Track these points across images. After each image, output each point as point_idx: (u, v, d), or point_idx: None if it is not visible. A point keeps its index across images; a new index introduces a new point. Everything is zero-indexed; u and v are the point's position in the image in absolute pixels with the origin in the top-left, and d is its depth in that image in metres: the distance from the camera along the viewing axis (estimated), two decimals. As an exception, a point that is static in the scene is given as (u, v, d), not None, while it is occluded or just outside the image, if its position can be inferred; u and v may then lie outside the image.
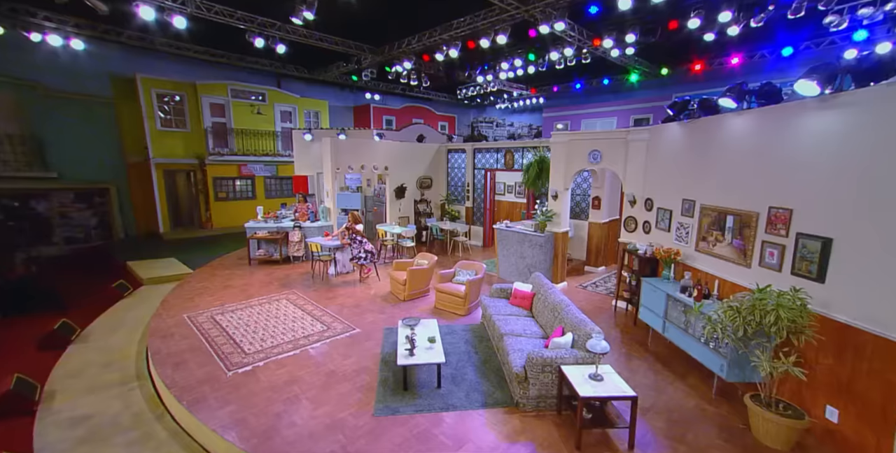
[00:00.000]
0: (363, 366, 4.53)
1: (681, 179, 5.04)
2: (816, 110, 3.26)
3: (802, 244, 3.31)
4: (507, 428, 3.48)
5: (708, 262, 4.53)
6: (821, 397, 3.18)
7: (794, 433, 3.07)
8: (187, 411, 3.70)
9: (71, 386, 4.45)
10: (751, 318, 3.02)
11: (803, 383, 3.17)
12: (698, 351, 4.06)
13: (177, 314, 6.00)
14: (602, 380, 3.32)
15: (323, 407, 3.76)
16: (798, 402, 3.27)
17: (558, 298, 4.69)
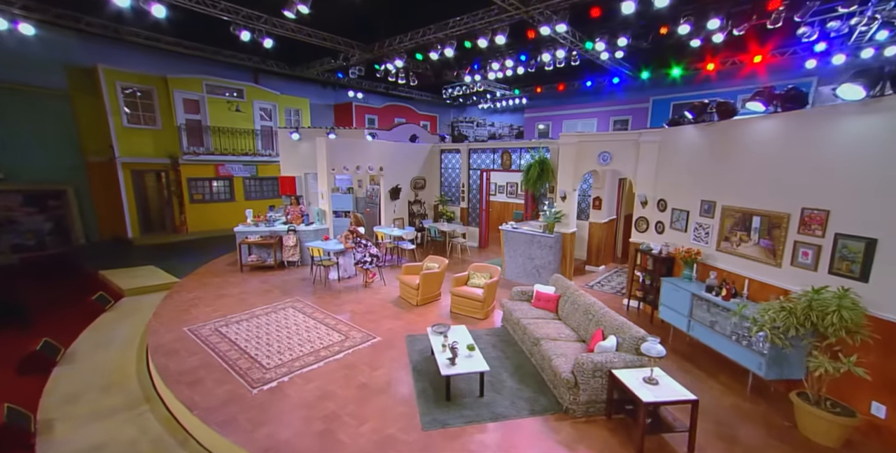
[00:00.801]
0: (396, 377, 4.34)
1: (699, 181, 5.16)
2: (857, 114, 3.40)
3: (843, 244, 3.45)
4: (563, 437, 3.42)
5: (731, 262, 4.66)
6: (866, 394, 3.32)
7: (846, 430, 3.19)
8: (218, 435, 3.39)
9: (70, 413, 3.98)
10: (805, 319, 3.11)
11: (846, 380, 3.28)
12: (731, 350, 4.16)
13: (175, 328, 5.54)
14: (658, 384, 3.32)
15: (367, 424, 3.55)
16: (842, 399, 3.40)
17: (589, 300, 4.69)
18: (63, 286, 8.11)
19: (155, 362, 4.59)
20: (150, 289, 7.51)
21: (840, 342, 3.14)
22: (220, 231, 13.52)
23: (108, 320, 6.31)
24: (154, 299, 7.19)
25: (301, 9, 7.76)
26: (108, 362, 5.03)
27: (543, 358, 4.18)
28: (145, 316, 6.49)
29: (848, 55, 10.36)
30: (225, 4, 8.74)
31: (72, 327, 6.09)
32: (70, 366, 4.88)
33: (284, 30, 9.92)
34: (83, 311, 6.51)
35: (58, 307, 7.03)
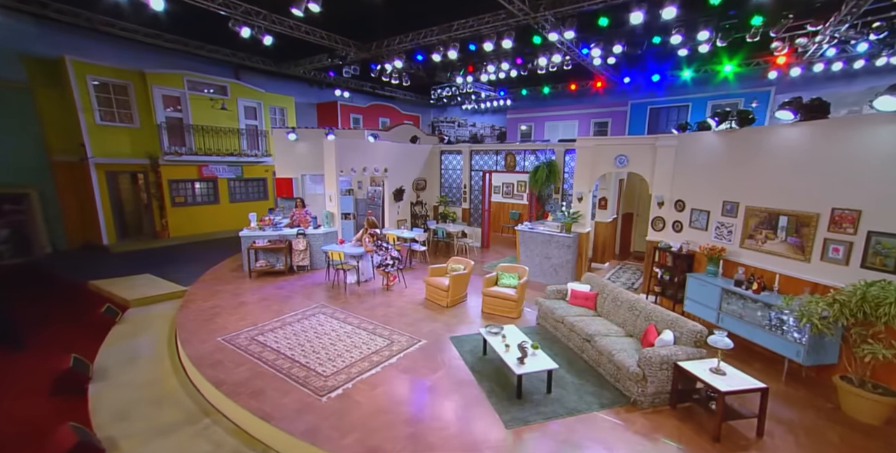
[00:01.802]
0: (459, 379, 4.40)
1: (720, 183, 5.57)
2: (888, 123, 3.83)
3: (876, 241, 3.88)
4: (638, 427, 3.62)
5: (757, 258, 5.09)
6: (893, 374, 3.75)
7: (889, 409, 3.60)
8: (308, 444, 3.33)
9: (128, 430, 3.74)
10: (858, 310, 3.49)
11: (872, 360, 3.68)
12: (766, 339, 4.54)
13: (208, 338, 5.29)
14: (725, 374, 3.60)
15: (451, 427, 3.60)
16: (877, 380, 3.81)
17: (631, 297, 4.96)
18: (48, 299, 7.47)
19: (204, 374, 4.38)
20: (157, 299, 7.09)
21: (885, 330, 3.54)
22: (205, 235, 12.91)
23: (123, 333, 5.90)
24: (163, 309, 6.84)
25: (312, 7, 7.57)
26: (144, 376, 4.74)
27: (601, 354, 4.39)
28: (162, 326, 6.17)
29: (802, 68, 11.43)
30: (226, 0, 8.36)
31: (80, 342, 5.67)
32: (105, 383, 4.56)
33: (283, 27, 9.61)
34: (91, 325, 6.06)
35: (50, 322, 6.50)
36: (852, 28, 8.75)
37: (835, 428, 3.61)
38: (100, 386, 4.48)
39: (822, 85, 12.27)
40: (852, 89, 11.68)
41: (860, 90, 11.42)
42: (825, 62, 11.07)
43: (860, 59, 10.33)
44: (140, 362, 5.09)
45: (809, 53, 10.41)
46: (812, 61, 11.05)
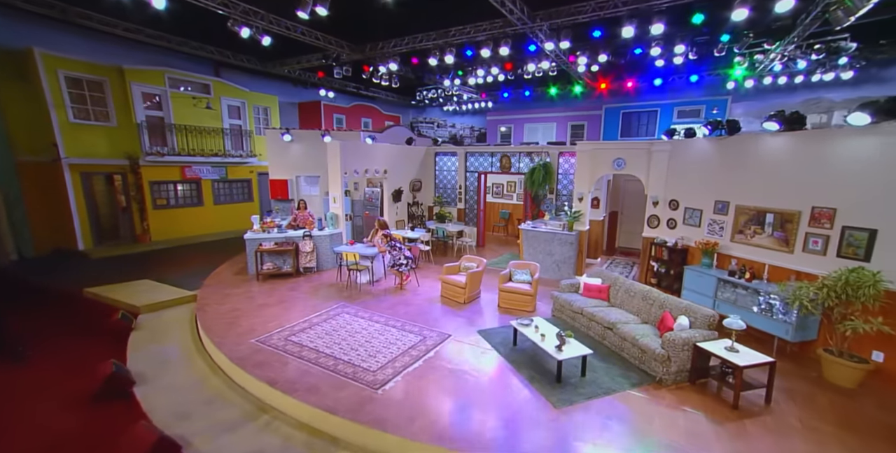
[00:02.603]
0: (497, 368, 4.75)
1: (712, 184, 6.25)
2: (859, 135, 4.55)
3: (849, 234, 4.60)
4: (668, 401, 4.13)
5: (746, 251, 5.78)
6: (867, 345, 4.48)
7: (861, 373, 4.31)
8: (381, 432, 3.56)
9: (193, 428, 3.80)
10: (842, 292, 4.16)
11: (850, 334, 4.39)
12: (758, 322, 5.21)
13: (241, 340, 5.33)
14: (739, 352, 4.17)
15: (506, 409, 3.94)
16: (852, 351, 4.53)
17: (643, 288, 5.51)
18: (46, 309, 7.12)
19: (253, 374, 4.48)
20: (167, 305, 6.94)
21: (855, 309, 4.25)
22: (188, 239, 12.49)
23: (143, 339, 5.79)
24: (175, 314, 6.73)
25: (319, 11, 7.63)
26: (184, 378, 4.75)
27: (624, 340, 4.88)
28: (181, 331, 6.11)
29: (754, 81, 12.77)
30: None
31: (102, 349, 5.56)
32: (148, 386, 4.55)
33: (280, 27, 9.53)
34: (108, 332, 5.88)
35: (60, 331, 6.27)
36: (798, 48, 9.90)
37: (822, 394, 4.28)
38: (145, 390, 4.47)
39: (769, 96, 13.77)
40: (793, 100, 13.16)
41: (799, 101, 12.98)
42: (773, 76, 12.38)
43: (800, 75, 11.66)
44: (173, 366, 5.07)
45: (762, 68, 11.68)
46: (763, 75, 12.33)
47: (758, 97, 14.36)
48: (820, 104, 13.01)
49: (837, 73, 10.98)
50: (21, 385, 5.05)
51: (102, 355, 5.47)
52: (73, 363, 5.53)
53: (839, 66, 10.53)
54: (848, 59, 10.25)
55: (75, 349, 5.87)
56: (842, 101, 12.44)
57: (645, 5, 7.78)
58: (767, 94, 13.77)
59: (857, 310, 4.28)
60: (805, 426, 3.77)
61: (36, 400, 4.63)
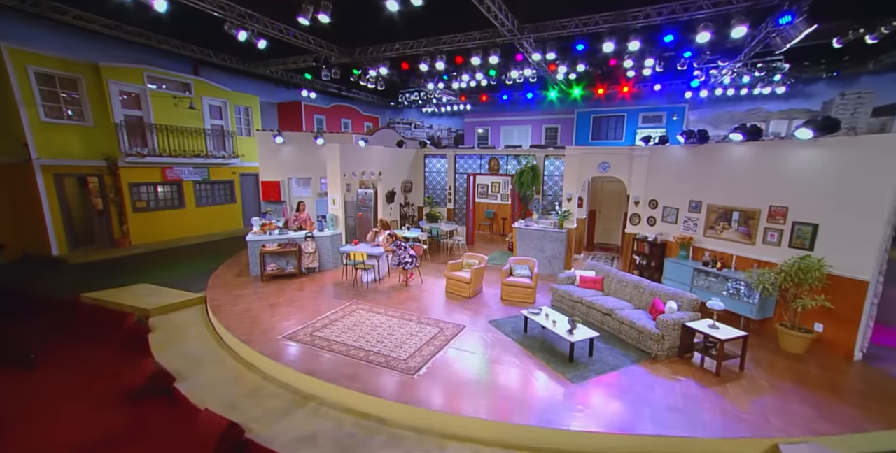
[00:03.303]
0: (514, 352, 5.30)
1: (686, 186, 7.13)
2: (804, 147, 5.48)
3: (798, 228, 5.54)
4: (664, 373, 4.85)
5: (717, 244, 6.69)
6: (811, 319, 5.43)
7: (808, 342, 5.24)
8: (428, 410, 4.02)
9: (246, 416, 4.05)
10: (795, 276, 5.05)
11: (801, 311, 5.32)
12: (728, 304, 6.06)
13: (268, 338, 5.58)
14: (719, 328, 4.97)
15: (530, 386, 4.51)
16: (801, 324, 5.46)
17: (634, 278, 6.26)
18: (45, 315, 6.96)
19: (292, 367, 4.78)
20: (176, 307, 6.99)
21: (804, 289, 5.17)
22: (170, 242, 12.22)
23: (164, 340, 5.88)
24: (186, 316, 6.83)
25: (322, 18, 7.89)
26: (220, 374, 4.97)
27: (622, 324, 5.60)
28: (199, 331, 6.26)
29: (709, 90, 14.35)
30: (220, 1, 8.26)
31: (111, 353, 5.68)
32: (188, 383, 4.73)
33: (274, 30, 9.62)
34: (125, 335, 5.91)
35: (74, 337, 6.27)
36: (744, 66, 11.33)
37: (780, 360, 5.18)
38: (187, 386, 4.66)
39: (719, 105, 15.68)
40: (738, 109, 15.45)
41: (743, 110, 15.25)
42: (723, 88, 13.97)
43: (745, 88, 13.45)
44: (205, 363, 5.24)
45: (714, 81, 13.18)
46: (714, 86, 13.88)
47: (710, 106, 16.31)
48: (759, 113, 15.37)
49: (773, 88, 13.10)
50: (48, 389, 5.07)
51: (123, 357, 5.58)
52: (95, 365, 5.58)
53: (775, 82, 12.52)
54: (781, 77, 12.20)
55: (92, 352, 5.89)
56: (776, 112, 14.79)
57: (622, 24, 8.62)
58: (718, 103, 15.75)
59: (806, 290, 5.21)
60: (771, 385, 4.60)
61: (68, 402, 4.74)
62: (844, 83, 13.14)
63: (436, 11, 8.32)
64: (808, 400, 4.28)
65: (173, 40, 11.43)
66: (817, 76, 13.00)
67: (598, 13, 8.69)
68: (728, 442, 3.69)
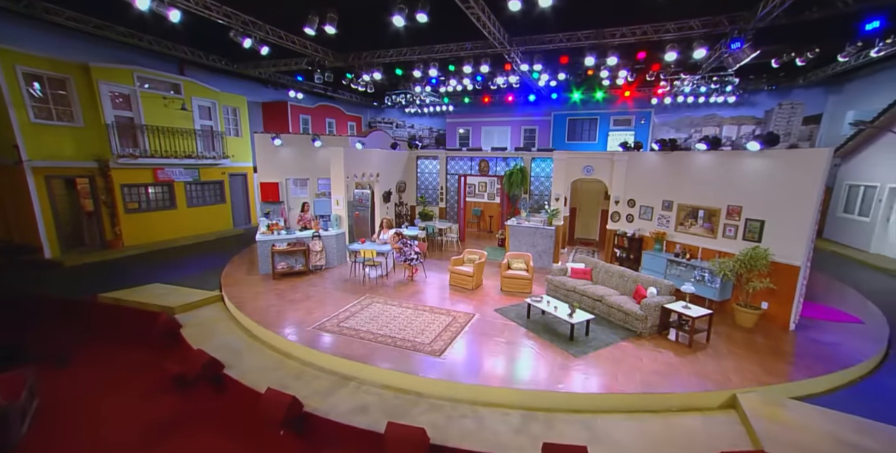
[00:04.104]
0: (522, 335, 6.12)
1: (660, 187, 8.18)
2: (754, 157, 6.60)
3: (749, 224, 6.66)
4: (648, 347, 5.81)
5: (686, 238, 7.77)
6: (759, 298, 6.57)
7: (756, 317, 6.37)
8: (459, 383, 4.77)
9: (297, 395, 4.62)
10: (748, 263, 6.15)
11: (752, 292, 6.44)
12: (696, 288, 7.14)
13: (299, 329, 6.13)
14: (690, 308, 5.98)
15: (541, 360, 5.34)
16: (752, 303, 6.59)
17: (619, 268, 7.23)
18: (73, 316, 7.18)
19: (328, 353, 5.39)
20: (197, 305, 7.35)
21: (755, 274, 6.29)
22: (164, 243, 12.25)
23: (197, 334, 6.29)
24: (208, 313, 7.23)
25: (328, 30, 8.36)
26: (262, 362, 5.50)
27: (611, 307, 6.53)
28: (227, 326, 6.70)
29: (671, 98, 15.92)
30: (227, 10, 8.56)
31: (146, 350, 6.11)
32: (236, 370, 5.23)
33: (274, 37, 9.95)
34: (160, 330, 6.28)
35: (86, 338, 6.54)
36: (702, 78, 12.82)
37: (736, 332, 6.28)
38: (235, 373, 5.17)
39: (680, 111, 17.54)
40: (697, 114, 17.65)
41: (701, 115, 17.47)
42: (684, 96, 15.54)
43: (702, 97, 15.27)
44: (244, 353, 5.74)
45: (677, 90, 14.67)
46: (677, 94, 15.41)
47: (672, 111, 18.10)
48: (714, 119, 17.74)
49: (726, 97, 15.09)
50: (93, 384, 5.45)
51: (158, 352, 6.01)
52: (130, 361, 5.99)
53: (727, 92, 14.43)
54: (732, 88, 14.07)
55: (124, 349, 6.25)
56: (728, 118, 17.16)
57: (601, 41, 9.58)
58: (680, 109, 17.60)
59: (755, 275, 6.33)
60: (730, 352, 5.65)
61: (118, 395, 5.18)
62: (781, 95, 15.25)
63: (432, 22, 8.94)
64: (757, 361, 5.34)
65: (164, 41, 11.48)
66: (760, 89, 14.96)
67: (580, 30, 9.61)
68: (699, 395, 4.65)
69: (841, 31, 8.76)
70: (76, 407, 5.02)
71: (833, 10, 7.47)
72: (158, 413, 4.95)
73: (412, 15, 7.57)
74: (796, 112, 15.10)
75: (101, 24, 10.00)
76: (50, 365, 5.89)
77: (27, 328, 6.82)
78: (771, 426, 3.97)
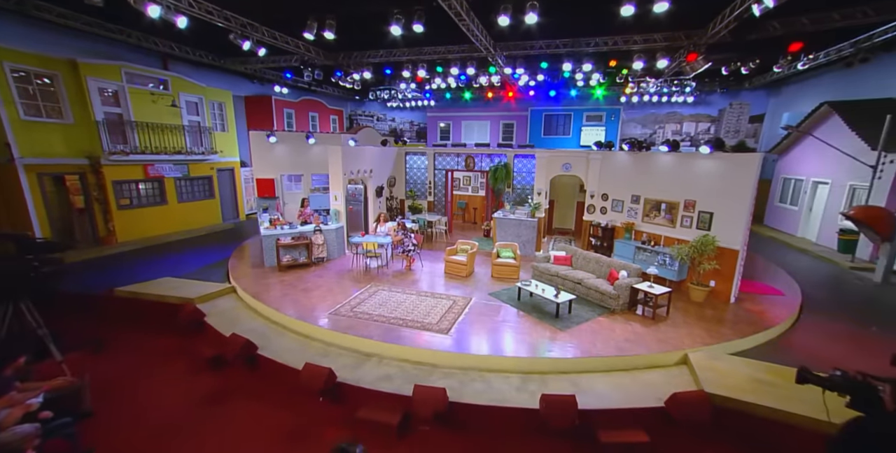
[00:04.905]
0: (515, 314, 7.09)
1: (630, 183, 9.30)
2: (705, 159, 7.77)
3: (701, 215, 7.86)
4: (620, 321, 6.90)
5: (651, 228, 8.95)
6: (707, 277, 7.82)
7: (705, 293, 7.63)
8: (467, 354, 5.69)
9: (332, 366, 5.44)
10: (700, 248, 7.34)
11: (703, 273, 7.68)
12: (659, 271, 8.35)
13: (318, 315, 6.84)
14: (654, 288, 7.12)
15: (533, 334, 6.33)
16: (702, 281, 7.84)
17: (595, 255, 8.32)
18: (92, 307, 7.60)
19: (348, 333, 6.17)
20: (214, 296, 7.89)
21: (705, 258, 7.51)
22: (156, 239, 12.47)
23: (221, 322, 6.88)
24: (225, 303, 7.79)
25: (328, 36, 8.87)
26: (290, 343, 6.21)
27: (589, 289, 7.60)
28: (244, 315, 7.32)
29: (638, 97, 17.34)
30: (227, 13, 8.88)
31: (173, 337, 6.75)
32: (267, 351, 5.92)
33: (269, 37, 10.28)
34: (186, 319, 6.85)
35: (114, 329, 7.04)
36: (664, 81, 14.18)
37: (690, 307, 7.50)
38: (268, 354, 5.87)
39: (647, 108, 19.05)
40: (660, 111, 19.41)
41: (664, 113, 19.29)
42: (649, 95, 16.93)
43: (665, 96, 16.82)
44: (271, 337, 6.42)
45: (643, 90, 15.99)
46: (643, 94, 16.76)
47: (639, 108, 19.55)
48: (675, 116, 19.42)
49: (685, 97, 16.89)
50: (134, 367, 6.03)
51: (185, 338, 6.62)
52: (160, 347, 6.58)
53: (686, 93, 15.97)
54: (690, 90, 15.64)
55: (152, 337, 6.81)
56: (688, 115, 19.05)
57: (577, 49, 10.52)
58: (645, 106, 19.13)
59: (706, 258, 7.55)
60: (684, 322, 6.83)
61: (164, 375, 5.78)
62: (731, 96, 17.11)
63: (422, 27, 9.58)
64: (704, 328, 6.55)
65: (151, 37, 11.51)
66: (713, 91, 16.62)
67: (558, 39, 10.50)
68: (660, 356, 5.77)
69: (774, 48, 10.16)
70: (124, 386, 5.60)
71: (766, 33, 8.73)
72: (201, 388, 5.61)
73: (409, 25, 8.19)
74: (744, 111, 16.86)
75: (91, 21, 10.00)
76: (87, 352, 6.38)
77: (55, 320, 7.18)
78: (710, 374, 5.12)
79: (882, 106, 9.67)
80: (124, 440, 4.58)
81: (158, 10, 7.09)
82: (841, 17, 8.24)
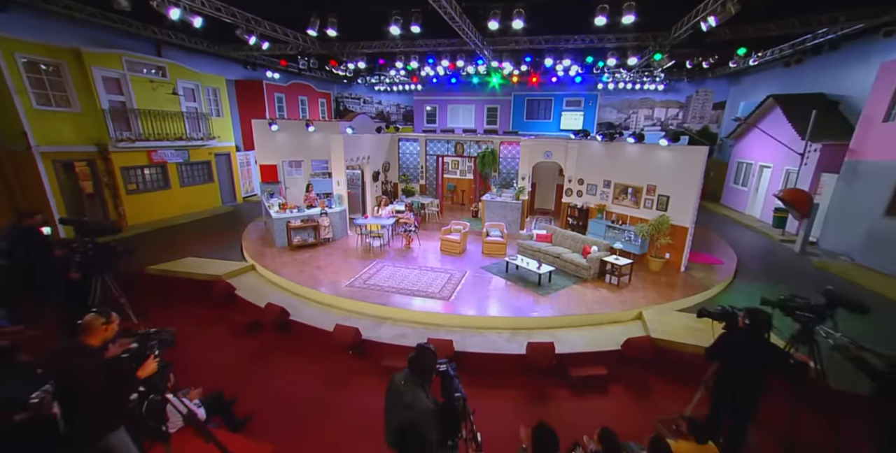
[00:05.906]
0: (504, 284, 8.39)
1: (602, 169, 10.57)
2: (663, 149, 9.07)
3: (660, 198, 9.24)
4: (591, 287, 8.31)
5: (620, 209, 10.31)
6: (663, 251, 9.29)
7: (661, 264, 9.11)
8: (467, 316, 6.98)
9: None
10: (657, 226, 8.75)
11: (660, 247, 9.13)
12: (625, 246, 9.79)
13: (336, 288, 7.97)
14: (620, 260, 8.51)
15: (519, 300, 7.65)
16: (659, 254, 9.30)
17: (571, 233, 9.65)
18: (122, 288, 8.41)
19: (367, 301, 7.35)
20: (237, 273, 8.89)
21: (662, 234, 8.94)
22: (163, 222, 13.14)
23: (250, 295, 7.93)
24: (247, 279, 8.80)
25: (330, 33, 9.57)
26: (314, 311, 7.34)
27: (566, 262, 8.96)
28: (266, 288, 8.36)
29: (614, 84, 18.55)
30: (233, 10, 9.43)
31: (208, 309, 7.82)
32: (299, 317, 7.06)
33: (267, 30, 10.82)
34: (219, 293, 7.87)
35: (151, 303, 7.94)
36: (637, 72, 15.40)
37: (648, 276, 8.97)
38: (300, 318, 7.01)
39: (621, 94, 20.30)
40: (634, 97, 20.80)
41: (638, 99, 20.67)
42: (624, 82, 18.11)
43: (638, 84, 18.05)
44: (297, 306, 7.53)
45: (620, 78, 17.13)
46: (619, 82, 17.93)
47: (615, 94, 20.73)
48: (648, 102, 20.74)
49: (656, 85, 18.29)
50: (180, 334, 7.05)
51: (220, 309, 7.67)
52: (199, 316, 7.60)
53: (657, 81, 17.27)
54: (660, 79, 16.61)
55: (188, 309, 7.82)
56: (659, 101, 20.47)
57: (558, 45, 11.48)
58: (620, 93, 20.41)
59: (662, 234, 8.99)
60: (643, 287, 8.29)
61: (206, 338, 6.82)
62: (697, 84, 18.67)
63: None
64: (657, 291, 8.04)
65: (151, 26, 11.82)
66: (681, 79, 17.95)
67: (541, 35, 11.41)
68: (621, 313, 7.20)
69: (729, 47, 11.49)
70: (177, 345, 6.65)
71: (718, 37, 9.98)
72: (245, 348, 6.73)
73: (406, 26, 8.98)
74: (709, 98, 18.36)
75: (95, 12, 10.30)
76: (131, 321, 7.34)
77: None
78: (657, 325, 6.58)
79: (814, 100, 11.14)
80: (190, 379, 5.70)
81: (178, 12, 7.66)
82: (776, 27, 9.64)
